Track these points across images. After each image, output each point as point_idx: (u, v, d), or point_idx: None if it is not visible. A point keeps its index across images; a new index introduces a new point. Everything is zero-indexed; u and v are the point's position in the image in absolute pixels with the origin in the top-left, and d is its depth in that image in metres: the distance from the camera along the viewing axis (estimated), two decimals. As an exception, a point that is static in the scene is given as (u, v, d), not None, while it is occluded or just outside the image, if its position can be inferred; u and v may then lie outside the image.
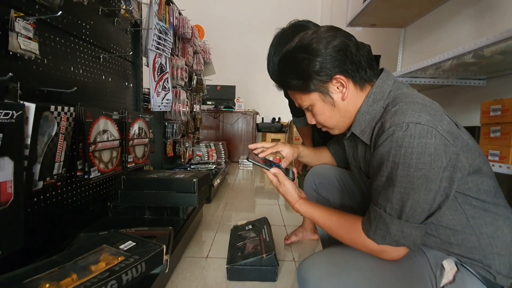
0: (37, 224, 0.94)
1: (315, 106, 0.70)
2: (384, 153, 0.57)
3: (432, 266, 0.61)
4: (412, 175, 0.54)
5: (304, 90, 0.68)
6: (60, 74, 1.02)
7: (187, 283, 1.11)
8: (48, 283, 0.62)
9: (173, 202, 1.34)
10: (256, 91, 4.93)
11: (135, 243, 0.84)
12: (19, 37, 0.80)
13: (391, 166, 0.56)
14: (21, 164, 0.71)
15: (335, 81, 0.65)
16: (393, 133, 0.55)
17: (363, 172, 0.75)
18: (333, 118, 0.70)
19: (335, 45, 0.63)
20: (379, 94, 0.66)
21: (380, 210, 0.59)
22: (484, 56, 1.20)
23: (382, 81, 0.67)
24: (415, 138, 0.53)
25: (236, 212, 2.00)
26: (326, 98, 0.67)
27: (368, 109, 0.66)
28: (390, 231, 0.57)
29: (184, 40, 2.31)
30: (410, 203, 0.55)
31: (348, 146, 0.81)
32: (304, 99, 0.70)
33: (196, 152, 3.03)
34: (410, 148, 0.53)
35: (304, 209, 0.74)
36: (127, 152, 1.28)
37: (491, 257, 0.59)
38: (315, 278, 0.60)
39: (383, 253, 0.60)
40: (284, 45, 0.98)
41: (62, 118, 0.87)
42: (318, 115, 0.71)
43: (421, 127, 0.53)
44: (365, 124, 0.67)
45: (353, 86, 0.67)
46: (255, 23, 4.74)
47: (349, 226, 0.65)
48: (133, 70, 1.60)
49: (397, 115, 0.56)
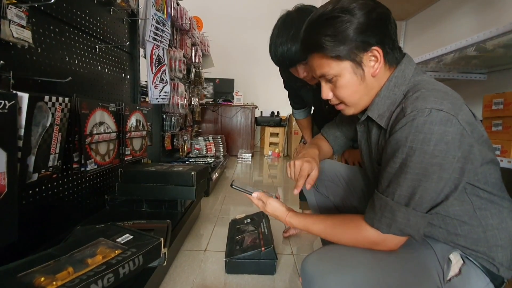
0: (33, 217, 0.93)
1: (342, 77, 0.63)
2: (401, 138, 0.55)
3: (440, 259, 0.61)
4: (426, 162, 0.53)
5: (337, 56, 0.61)
6: (54, 64, 0.99)
7: (185, 276, 1.11)
8: (43, 277, 0.61)
9: (171, 195, 1.33)
10: (255, 84, 4.89)
11: (133, 236, 0.83)
12: (12, 25, 0.77)
13: (407, 152, 0.54)
14: (15, 155, 0.69)
15: (371, 53, 0.60)
16: (414, 118, 0.53)
17: (374, 159, 0.72)
18: (357, 94, 0.64)
19: (379, 12, 0.59)
20: (401, 78, 0.63)
21: (387, 198, 0.57)
22: (486, 49, 1.19)
23: (405, 65, 0.64)
24: (436, 124, 0.52)
25: (234, 205, 1.99)
26: (357, 69, 0.62)
27: (388, 94, 0.63)
28: (396, 218, 0.56)
29: (182, 31, 2.27)
30: (420, 190, 0.54)
31: (361, 132, 0.77)
32: (333, 66, 0.62)
33: (194, 146, 3.01)
34: (430, 135, 0.52)
35: (296, 220, 0.73)
36: (124, 144, 1.26)
37: (495, 249, 0.59)
38: (321, 273, 0.59)
39: (383, 243, 0.59)
40: (289, 27, 0.93)
41: (57, 109, 0.85)
42: (342, 88, 0.64)
43: (443, 114, 0.52)
44: (384, 108, 0.64)
45: (384, 64, 0.62)
46: (254, 15, 4.68)
47: (345, 224, 0.65)
48: (130, 62, 1.57)
49: (419, 101, 0.55)
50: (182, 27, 2.14)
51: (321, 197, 0.99)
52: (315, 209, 1.04)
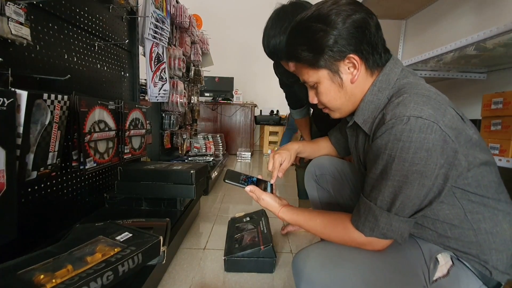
0: (32, 214, 0.92)
1: (321, 84, 0.65)
2: (381, 145, 0.56)
3: (426, 259, 0.61)
4: (407, 170, 0.53)
5: (313, 65, 0.63)
6: (53, 61, 0.99)
7: (184, 274, 1.11)
8: (43, 274, 0.61)
9: (170, 194, 1.33)
10: (254, 83, 4.88)
11: (132, 234, 0.83)
12: (10, 22, 0.76)
13: (387, 159, 0.55)
14: (13, 153, 0.69)
15: (348, 60, 0.61)
16: (392, 126, 0.53)
17: (361, 163, 0.73)
18: (337, 100, 0.66)
19: (354, 20, 0.59)
20: (384, 83, 0.63)
21: (370, 203, 0.58)
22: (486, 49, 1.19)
23: (389, 69, 0.63)
24: (415, 132, 0.51)
25: (233, 204, 1.99)
26: (334, 77, 0.63)
27: (372, 98, 0.63)
28: (379, 223, 0.57)
29: (182, 29, 2.26)
30: (402, 197, 0.54)
31: (350, 136, 0.79)
32: (311, 74, 0.65)
33: (193, 144, 3.01)
34: (408, 143, 0.52)
35: (288, 216, 0.74)
36: (123, 143, 1.26)
37: (488, 253, 0.58)
38: (308, 269, 0.61)
39: (369, 245, 0.60)
40: (282, 20, 0.97)
41: (56, 106, 0.85)
42: (322, 94, 0.67)
43: (422, 121, 0.51)
44: (368, 114, 0.64)
45: (365, 70, 0.63)
46: (254, 14, 4.65)
47: (334, 224, 0.65)
48: (129, 59, 1.56)
49: (399, 107, 0.54)
50: (182, 25, 2.13)
51: (324, 192, 0.99)
52: (316, 204, 1.05)
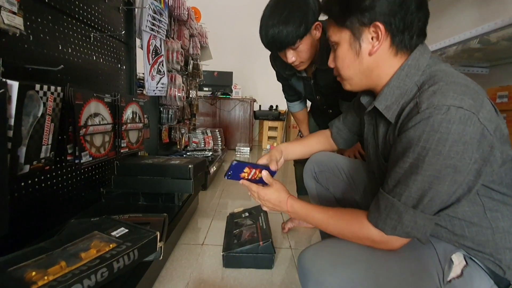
0: (25, 209, 0.90)
1: (340, 47, 0.62)
2: (413, 137, 0.51)
3: (441, 259, 0.58)
4: (440, 164, 0.49)
5: (339, 22, 0.60)
6: (47, 52, 0.96)
7: (182, 270, 1.10)
8: (35, 271, 0.59)
9: (168, 189, 1.31)
10: (254, 78, 4.84)
11: (128, 229, 0.81)
12: (3, 11, 0.73)
13: (419, 152, 0.51)
14: (5, 146, 0.67)
15: (373, 28, 0.57)
16: (430, 115, 0.49)
17: (381, 155, 0.68)
18: (350, 69, 0.63)
19: None
20: (414, 68, 0.58)
21: (393, 199, 0.54)
22: (490, 42, 1.17)
23: (420, 53, 0.59)
24: (454, 123, 0.47)
25: (232, 199, 1.98)
26: (355, 43, 0.60)
27: (399, 84, 0.59)
28: (402, 221, 0.53)
29: (180, 22, 2.22)
30: (431, 193, 0.51)
31: (368, 123, 0.73)
32: (334, 32, 0.62)
33: (192, 139, 2.98)
34: (446, 134, 0.48)
35: (299, 206, 0.71)
36: (120, 136, 1.23)
37: (503, 252, 0.56)
38: (317, 269, 0.57)
39: (386, 243, 0.57)
40: (281, 8, 0.93)
41: (49, 98, 0.82)
42: (338, 58, 0.64)
43: (463, 112, 0.47)
44: (392, 100, 0.60)
45: (388, 45, 0.59)
46: (254, 7, 4.59)
47: (348, 219, 0.62)
48: (126, 52, 1.53)
49: (436, 96, 0.50)
50: (180, 17, 2.09)
51: (322, 188, 0.97)
52: (314, 199, 1.03)
